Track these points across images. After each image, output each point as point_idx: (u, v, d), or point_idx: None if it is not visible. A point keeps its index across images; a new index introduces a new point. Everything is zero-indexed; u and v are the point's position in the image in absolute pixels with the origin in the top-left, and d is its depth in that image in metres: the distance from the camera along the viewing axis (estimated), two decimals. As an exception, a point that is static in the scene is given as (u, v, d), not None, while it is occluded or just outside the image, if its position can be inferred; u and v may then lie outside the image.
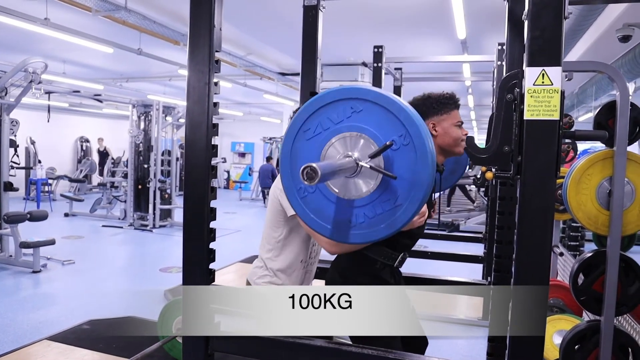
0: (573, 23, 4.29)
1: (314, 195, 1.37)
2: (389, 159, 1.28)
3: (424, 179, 1.26)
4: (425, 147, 1.26)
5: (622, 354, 2.04)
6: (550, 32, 1.15)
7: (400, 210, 1.28)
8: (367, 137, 1.31)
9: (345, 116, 1.33)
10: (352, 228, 1.33)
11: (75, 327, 3.93)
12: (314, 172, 1.08)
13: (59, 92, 9.65)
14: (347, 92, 1.34)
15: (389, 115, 1.29)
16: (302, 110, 1.39)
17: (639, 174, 2.08)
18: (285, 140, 1.41)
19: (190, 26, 1.48)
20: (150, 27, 6.21)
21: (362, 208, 1.32)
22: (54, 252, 6.17)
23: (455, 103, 1.95)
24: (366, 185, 1.31)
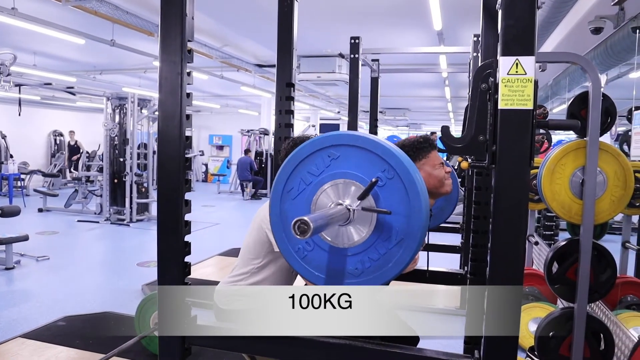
0: (546, 15, 4.33)
1: (314, 253, 1.36)
2: (379, 197, 1.28)
3: (418, 207, 1.25)
4: (411, 175, 1.26)
5: (595, 340, 2.09)
6: (524, 21, 1.16)
7: (404, 245, 1.27)
8: (351, 181, 1.30)
9: (324, 166, 1.33)
10: (359, 276, 1.32)
11: (50, 323, 3.86)
12: (305, 225, 1.07)
13: (30, 84, 9.45)
14: (320, 142, 1.34)
15: (367, 154, 1.29)
16: (281, 172, 1.37)
17: (610, 163, 2.12)
18: (271, 204, 1.39)
19: (162, 15, 1.45)
20: (123, 17, 6.09)
21: (364, 253, 1.31)
22: (28, 248, 6.05)
23: (431, 145, 1.97)
24: (363, 228, 1.30)
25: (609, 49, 4.38)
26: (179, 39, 1.44)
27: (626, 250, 3.50)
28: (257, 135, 15.19)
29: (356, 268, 1.31)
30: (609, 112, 2.14)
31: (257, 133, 15.18)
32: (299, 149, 1.35)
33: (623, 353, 2.50)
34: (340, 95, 14.39)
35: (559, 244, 2.18)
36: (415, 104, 17.30)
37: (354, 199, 1.29)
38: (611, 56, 4.43)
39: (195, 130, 19.47)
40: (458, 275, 2.88)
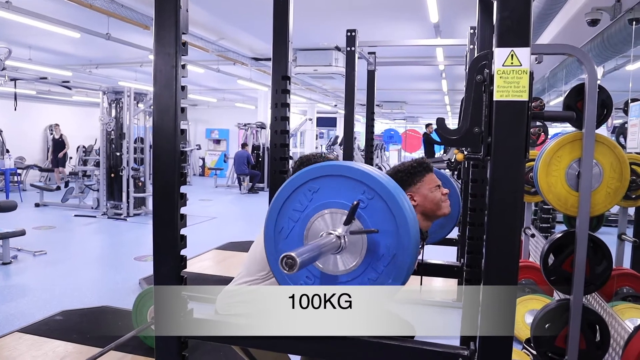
0: (543, 7, 4.32)
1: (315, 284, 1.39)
2: (365, 220, 1.30)
3: (404, 222, 1.28)
4: (389, 191, 1.29)
5: (591, 332, 2.10)
6: (519, 12, 1.15)
7: (398, 260, 1.29)
8: (335, 209, 1.33)
9: (307, 200, 1.36)
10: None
11: (47, 318, 3.86)
12: (292, 260, 1.09)
13: (26, 79, 9.40)
14: (298, 179, 1.37)
15: (345, 180, 1.32)
16: (269, 215, 1.40)
17: (607, 155, 2.12)
18: (267, 248, 1.42)
19: (156, 8, 1.44)
20: (118, 10, 6.05)
21: (363, 275, 1.33)
22: (25, 243, 6.04)
23: (425, 168, 1.97)
24: (357, 252, 1.32)
25: (605, 41, 4.38)
26: (173, 31, 1.44)
27: (622, 242, 3.51)
28: (254, 129, 15.16)
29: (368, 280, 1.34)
30: (605, 105, 2.14)
31: (254, 127, 15.15)
32: (280, 190, 1.39)
33: (619, 344, 2.51)
34: (337, 89, 14.36)
35: (555, 236, 2.18)
36: (412, 97, 17.28)
37: (342, 227, 1.31)
38: (608, 48, 4.43)
39: (192, 124, 19.42)
40: (455, 267, 2.88)
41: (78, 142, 15.07)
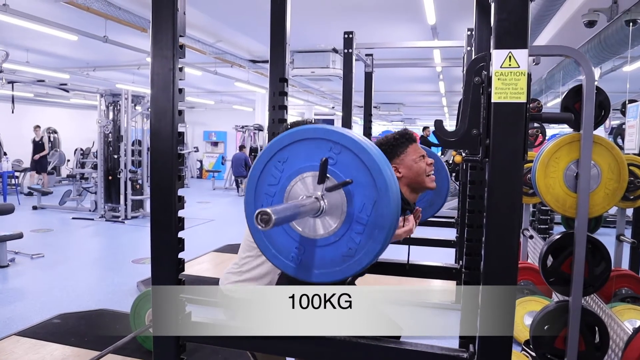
0: (540, 8, 4.33)
1: (307, 254, 1.36)
2: (339, 175, 1.30)
3: (376, 167, 1.27)
4: (355, 141, 1.28)
5: (590, 333, 2.09)
6: (517, 14, 1.15)
7: (382, 204, 1.27)
8: (308, 173, 1.32)
9: (279, 172, 1.36)
10: (355, 254, 1.31)
11: (45, 321, 3.85)
12: (266, 215, 1.08)
13: (23, 81, 9.37)
14: (266, 154, 1.37)
15: (310, 143, 1.32)
16: (246, 198, 1.40)
17: (604, 156, 2.12)
18: (252, 231, 1.40)
19: (153, 10, 1.44)
20: (115, 13, 6.05)
21: (349, 231, 1.31)
22: (22, 246, 6.02)
23: (409, 139, 1.95)
24: (339, 209, 1.31)
25: (602, 42, 4.38)
26: (170, 34, 1.43)
27: (620, 243, 3.51)
28: (252, 131, 15.16)
29: (350, 248, 1.31)
30: (603, 106, 2.14)
31: (251, 129, 15.15)
32: (252, 170, 1.39)
33: (618, 346, 2.51)
34: (335, 91, 14.36)
35: (553, 238, 2.18)
36: (410, 98, 17.29)
37: (319, 188, 1.31)
38: (605, 49, 4.43)
39: (190, 127, 19.42)
40: (453, 269, 2.88)
41: (76, 145, 15.04)
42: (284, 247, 1.37)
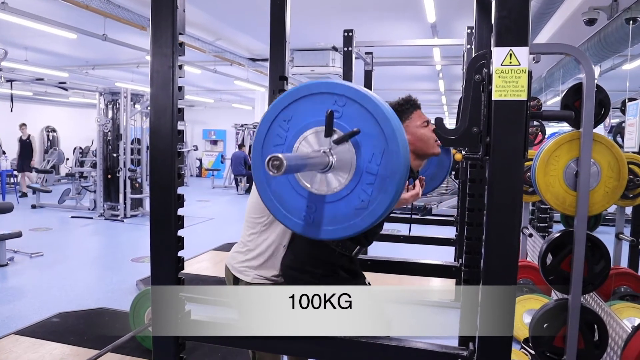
0: (540, 6, 4.33)
1: (320, 212, 1.34)
2: (345, 128, 1.28)
3: (382, 114, 1.25)
4: (359, 92, 1.27)
5: (589, 331, 2.09)
6: (517, 12, 1.15)
7: (391, 150, 1.25)
8: (314, 129, 1.31)
9: (285, 131, 1.35)
10: (368, 205, 1.29)
11: (44, 320, 3.84)
12: (278, 161, 1.07)
13: (22, 80, 9.37)
14: (269, 115, 1.37)
15: (314, 98, 1.31)
16: (254, 160, 1.39)
17: (604, 155, 2.12)
18: (260, 192, 1.39)
19: (152, 8, 1.43)
20: (114, 11, 6.04)
21: (360, 184, 1.29)
22: (21, 244, 6.01)
23: (413, 105, 1.93)
24: (348, 163, 1.29)
25: (602, 41, 4.38)
26: (170, 31, 1.43)
27: (620, 241, 3.51)
28: (251, 129, 15.14)
29: (362, 200, 1.29)
30: (603, 104, 2.14)
31: (251, 127, 15.14)
32: (257, 133, 1.38)
33: (617, 344, 2.51)
34: (335, 89, 14.31)
35: (553, 236, 2.18)
36: (410, 97, 17.24)
37: (327, 142, 1.30)
38: (605, 47, 4.43)
39: (189, 125, 19.41)
40: (453, 267, 2.88)
41: (75, 144, 15.05)
42: (295, 207, 1.35)
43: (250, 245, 2.02)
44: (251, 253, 2.01)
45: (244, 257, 2.02)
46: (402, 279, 4.79)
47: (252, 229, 2.03)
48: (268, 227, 2.00)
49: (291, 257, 1.93)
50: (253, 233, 2.02)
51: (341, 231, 1.31)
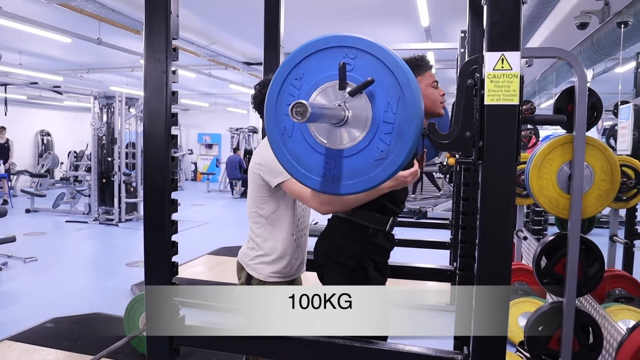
0: (533, 10, 4.35)
1: (339, 167, 1.33)
2: (359, 80, 1.26)
3: (394, 62, 1.24)
4: (370, 42, 1.27)
5: (584, 334, 2.10)
6: (509, 17, 1.16)
7: (407, 98, 1.24)
8: (327, 84, 1.30)
9: (297, 90, 1.33)
10: (387, 155, 1.27)
11: (38, 325, 3.82)
12: (301, 107, 1.08)
13: (16, 84, 9.33)
14: (281, 74, 1.35)
15: (324, 53, 1.30)
16: (267, 124, 1.37)
17: (597, 158, 2.13)
18: (276, 153, 1.38)
19: (146, 13, 1.44)
20: (109, 15, 6.03)
21: (378, 134, 1.27)
22: (15, 249, 5.98)
23: (426, 64, 1.95)
24: (363, 115, 1.28)
25: (594, 44, 4.41)
26: (163, 37, 1.43)
27: (614, 243, 3.53)
28: (246, 133, 15.14)
29: (381, 151, 1.27)
30: (595, 107, 2.15)
31: (246, 131, 15.13)
32: (269, 93, 1.36)
33: (612, 346, 2.52)
34: (329, 93, 14.33)
35: (547, 239, 2.19)
36: (404, 100, 17.29)
37: (341, 95, 1.28)
38: (597, 51, 4.46)
39: (184, 129, 19.37)
40: (447, 271, 2.88)
41: (69, 148, 14.98)
42: (313, 165, 1.33)
43: (259, 240, 2.02)
44: (261, 249, 2.00)
45: (255, 254, 2.02)
46: (396, 283, 4.79)
47: (257, 223, 2.03)
48: (271, 218, 2.00)
49: (325, 244, 1.94)
50: (259, 227, 2.02)
51: (362, 184, 1.30)
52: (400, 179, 1.66)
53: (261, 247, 2.01)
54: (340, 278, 1.84)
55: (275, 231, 2.00)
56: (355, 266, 1.84)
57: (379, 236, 1.90)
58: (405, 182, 1.68)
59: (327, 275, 1.90)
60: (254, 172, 1.97)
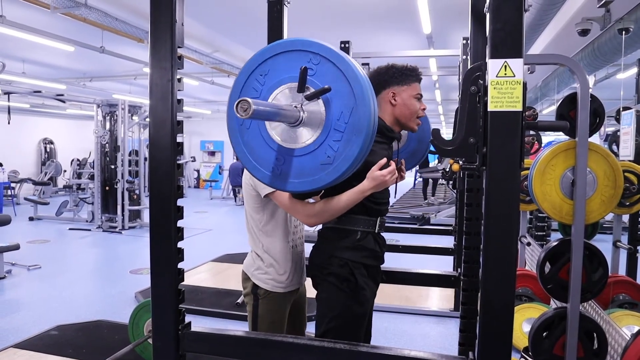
0: (534, 17, 4.37)
1: (287, 164, 1.41)
2: (318, 85, 1.34)
3: (354, 75, 1.31)
4: (334, 52, 1.33)
5: (588, 339, 2.10)
6: (511, 24, 1.17)
7: (360, 110, 1.31)
8: (288, 84, 1.37)
9: (260, 85, 1.42)
10: (333, 161, 1.35)
11: (42, 333, 3.83)
12: (246, 104, 1.13)
13: (19, 92, 9.37)
14: (247, 68, 1.45)
15: (290, 55, 1.37)
16: (228, 113, 1.48)
17: (600, 163, 2.14)
18: (233, 144, 1.49)
19: (151, 22, 1.45)
20: (112, 24, 6.07)
21: (328, 138, 1.35)
22: (19, 257, 6.00)
23: (416, 76, 1.97)
24: (317, 118, 1.36)
25: (596, 51, 4.42)
26: (169, 45, 1.45)
27: (617, 249, 3.52)
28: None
29: (328, 156, 1.35)
30: (597, 113, 2.16)
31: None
32: (234, 84, 1.45)
33: (616, 352, 2.51)
34: (332, 100, 14.35)
35: (550, 245, 2.19)
36: (406, 107, 17.29)
37: (298, 97, 1.35)
38: (598, 57, 4.47)
39: (187, 136, 19.42)
40: (451, 277, 2.88)
41: (72, 155, 15.04)
42: (264, 159, 1.43)
43: (259, 250, 2.03)
44: (263, 259, 2.02)
45: (258, 264, 2.03)
46: (400, 289, 4.79)
47: (254, 234, 2.05)
48: (266, 227, 2.01)
49: (317, 255, 1.94)
50: (256, 237, 2.04)
51: (306, 184, 1.38)
52: (380, 179, 1.66)
53: (262, 257, 2.02)
54: (333, 288, 1.84)
55: (272, 241, 2.02)
56: (347, 274, 1.84)
57: (368, 239, 1.90)
58: (384, 182, 1.67)
59: (321, 285, 1.91)
60: (247, 182, 2.00)
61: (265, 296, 2.01)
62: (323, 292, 1.89)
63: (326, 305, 1.86)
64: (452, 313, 4.27)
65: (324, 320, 1.85)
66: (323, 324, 1.85)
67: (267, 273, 2.01)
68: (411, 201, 11.77)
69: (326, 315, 1.84)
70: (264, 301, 2.01)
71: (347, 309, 1.82)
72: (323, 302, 1.88)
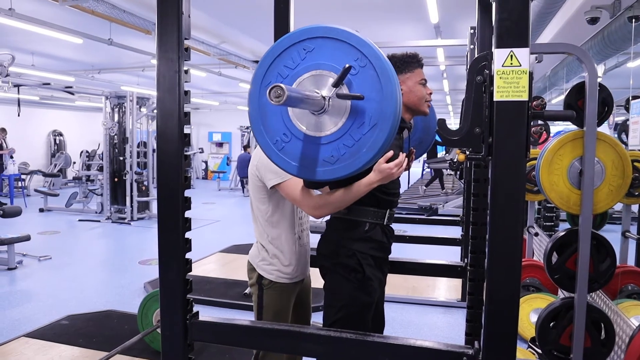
0: (542, 6, 4.33)
1: (291, 144, 1.41)
2: (352, 85, 1.32)
3: (391, 92, 1.29)
4: (383, 62, 1.31)
5: (595, 329, 2.10)
6: (518, 13, 1.16)
7: (378, 129, 1.31)
8: (326, 71, 1.34)
9: (300, 59, 1.37)
10: (334, 163, 1.36)
11: (53, 322, 3.88)
12: (280, 90, 1.12)
13: (29, 85, 9.43)
14: (296, 35, 1.38)
15: (341, 44, 1.33)
16: (259, 67, 1.42)
17: (608, 153, 2.13)
18: (250, 99, 1.44)
19: (158, 14, 1.45)
20: (120, 16, 6.08)
21: (339, 141, 1.35)
22: (30, 248, 6.07)
23: (418, 62, 1.97)
24: (338, 117, 1.35)
25: (605, 39, 4.38)
26: (176, 37, 1.45)
27: (626, 239, 3.51)
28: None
29: (332, 155, 1.35)
30: (606, 102, 2.14)
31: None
32: (276, 44, 1.40)
33: (624, 342, 2.51)
34: (339, 90, 14.32)
35: (558, 235, 2.19)
36: (414, 97, 17.21)
37: (329, 89, 1.33)
38: (608, 46, 4.42)
39: (195, 128, 19.48)
40: (458, 267, 2.89)
41: (81, 147, 15.13)
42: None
43: (264, 241, 2.04)
44: (268, 250, 2.03)
45: (263, 255, 2.05)
46: (407, 279, 4.80)
47: (260, 225, 2.06)
48: (272, 218, 2.02)
49: (325, 246, 1.95)
50: (262, 228, 2.05)
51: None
52: (386, 172, 1.65)
53: (267, 248, 2.03)
54: (341, 279, 1.85)
55: (277, 232, 2.03)
56: (354, 265, 1.85)
57: (376, 231, 1.90)
58: (391, 174, 1.67)
59: (328, 276, 1.91)
60: (253, 173, 2.01)
61: (269, 286, 2.02)
62: (331, 282, 1.90)
63: (334, 296, 1.87)
64: (459, 303, 4.28)
65: (332, 311, 1.86)
66: (331, 314, 1.86)
67: (272, 264, 2.02)
68: (419, 192, 11.75)
69: (334, 306, 1.85)
70: (269, 291, 2.03)
71: (354, 300, 1.83)
72: (330, 292, 1.89)
